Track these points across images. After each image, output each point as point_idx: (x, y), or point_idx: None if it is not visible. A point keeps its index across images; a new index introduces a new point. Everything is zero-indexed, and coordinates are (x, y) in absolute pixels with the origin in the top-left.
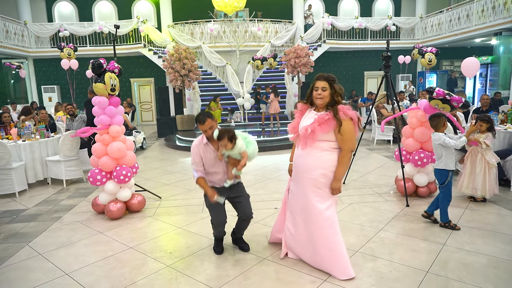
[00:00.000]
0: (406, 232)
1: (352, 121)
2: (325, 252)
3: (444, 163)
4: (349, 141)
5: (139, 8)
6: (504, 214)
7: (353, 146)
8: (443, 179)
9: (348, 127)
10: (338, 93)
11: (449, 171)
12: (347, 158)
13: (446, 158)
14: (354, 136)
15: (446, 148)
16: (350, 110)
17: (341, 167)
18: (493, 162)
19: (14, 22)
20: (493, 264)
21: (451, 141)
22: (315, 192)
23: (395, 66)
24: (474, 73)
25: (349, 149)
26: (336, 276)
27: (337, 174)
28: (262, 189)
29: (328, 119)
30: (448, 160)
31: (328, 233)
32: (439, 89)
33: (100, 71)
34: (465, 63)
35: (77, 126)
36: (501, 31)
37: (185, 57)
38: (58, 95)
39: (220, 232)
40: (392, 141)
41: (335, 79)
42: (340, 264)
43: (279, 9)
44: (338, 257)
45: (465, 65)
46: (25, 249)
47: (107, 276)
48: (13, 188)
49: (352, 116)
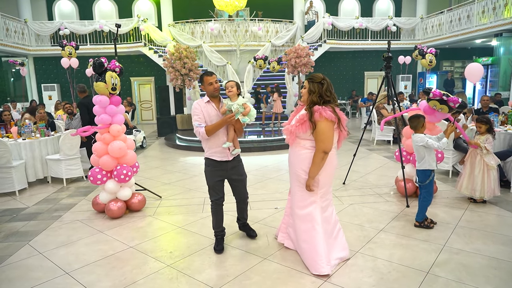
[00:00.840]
0: (406, 233)
1: (331, 122)
2: (303, 245)
3: (428, 163)
4: (321, 142)
5: (140, 6)
6: (504, 215)
7: (326, 147)
8: (425, 179)
9: (322, 128)
10: (317, 92)
11: (431, 170)
12: (318, 158)
13: (429, 158)
14: (328, 137)
15: (427, 149)
16: (327, 111)
17: (313, 166)
18: (492, 164)
19: (14, 20)
20: (493, 265)
21: (435, 143)
22: (298, 187)
23: (395, 66)
24: (478, 78)
25: (321, 149)
26: (309, 269)
27: (310, 172)
28: (263, 189)
29: (306, 120)
30: (431, 160)
31: (306, 227)
32: (435, 89)
33: (101, 70)
34: (468, 69)
35: (76, 125)
36: (501, 32)
37: (186, 56)
38: (58, 93)
39: (219, 227)
40: (392, 142)
41: (313, 78)
42: (313, 259)
43: (279, 9)
44: (312, 252)
45: (469, 70)
46: (25, 248)
47: (108, 275)
48: (13, 186)
49: (328, 117)
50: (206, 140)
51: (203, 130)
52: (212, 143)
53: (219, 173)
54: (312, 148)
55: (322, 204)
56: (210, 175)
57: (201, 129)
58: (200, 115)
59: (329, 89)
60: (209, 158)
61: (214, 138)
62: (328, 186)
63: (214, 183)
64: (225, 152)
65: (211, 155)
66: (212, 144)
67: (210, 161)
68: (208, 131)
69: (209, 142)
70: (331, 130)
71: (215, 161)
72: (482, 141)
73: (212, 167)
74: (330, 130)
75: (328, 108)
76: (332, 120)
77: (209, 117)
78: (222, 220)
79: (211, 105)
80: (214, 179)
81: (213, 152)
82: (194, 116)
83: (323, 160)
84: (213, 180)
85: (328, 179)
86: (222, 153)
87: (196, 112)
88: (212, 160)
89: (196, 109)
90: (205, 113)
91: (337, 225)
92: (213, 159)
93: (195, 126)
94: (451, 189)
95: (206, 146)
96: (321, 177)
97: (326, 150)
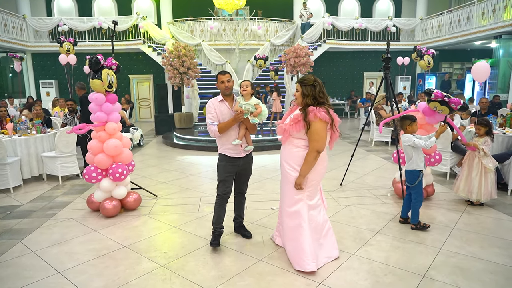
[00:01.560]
0: (403, 235)
1: (325, 123)
2: (289, 242)
3: (416, 163)
4: (315, 141)
5: (139, 4)
6: (502, 218)
7: (319, 147)
8: (414, 180)
9: (316, 128)
10: (310, 95)
11: (419, 171)
12: (311, 157)
13: (417, 158)
14: (321, 138)
15: (415, 149)
16: (321, 112)
17: (305, 165)
18: (490, 167)
19: (13, 15)
20: (490, 269)
21: (421, 142)
22: (287, 185)
23: (394, 67)
24: (485, 78)
25: (314, 148)
26: (293, 266)
27: (301, 171)
28: (260, 189)
29: (300, 120)
30: (418, 161)
31: (294, 224)
32: (437, 91)
33: (98, 67)
34: (475, 68)
35: (77, 122)
36: (501, 34)
37: (185, 55)
38: (56, 90)
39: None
40: (390, 143)
41: (304, 81)
42: (299, 255)
43: (279, 8)
44: (298, 249)
45: (475, 69)
46: (18, 246)
47: (101, 275)
48: (8, 183)
49: (322, 118)
50: (219, 137)
51: (216, 127)
52: (224, 140)
53: (231, 168)
54: (305, 147)
55: (310, 202)
56: (222, 169)
57: (213, 127)
58: (214, 113)
59: (322, 90)
60: (223, 154)
61: (226, 135)
62: (317, 185)
63: (225, 177)
64: (238, 148)
65: (224, 151)
66: (224, 141)
67: (224, 157)
68: (221, 129)
69: (222, 139)
70: (324, 131)
71: (228, 156)
72: (481, 143)
73: (226, 162)
74: (323, 130)
75: (322, 109)
76: (326, 121)
77: (222, 115)
78: (223, 218)
79: (225, 103)
80: (225, 174)
81: (225, 148)
82: (208, 114)
83: (315, 160)
84: (224, 174)
85: (317, 178)
86: (234, 150)
87: (210, 111)
88: (225, 156)
89: (210, 108)
90: (218, 111)
91: (326, 224)
92: (226, 154)
93: (208, 124)
94: (448, 191)
95: (220, 143)
96: (311, 176)
97: (319, 150)
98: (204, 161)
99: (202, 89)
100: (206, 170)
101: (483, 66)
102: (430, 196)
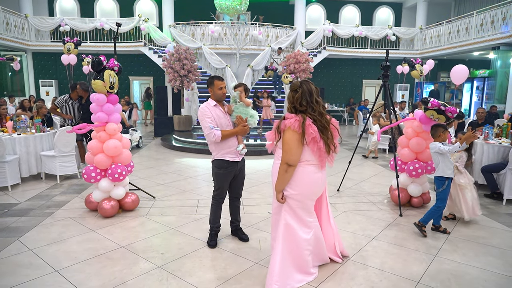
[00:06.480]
0: (398, 242)
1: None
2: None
3: (442, 170)
4: (284, 152)
5: (141, 6)
6: (496, 227)
7: (288, 159)
8: (440, 186)
9: (285, 138)
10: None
11: (446, 178)
12: (281, 170)
13: (443, 165)
14: (290, 149)
15: (442, 155)
16: (289, 120)
17: (277, 179)
18: (461, 183)
19: (15, 14)
20: (484, 277)
21: (445, 147)
22: (274, 196)
23: (393, 75)
24: (462, 80)
25: (283, 160)
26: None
27: (275, 185)
28: (257, 193)
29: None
30: (445, 168)
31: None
32: (433, 99)
33: (100, 68)
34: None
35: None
36: (499, 46)
37: (185, 58)
38: (55, 89)
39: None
40: (388, 150)
41: (291, 86)
42: (269, 271)
43: (280, 14)
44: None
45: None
46: (15, 243)
47: (97, 274)
48: (6, 181)
49: (291, 127)
50: (218, 143)
51: (220, 133)
52: (223, 145)
53: (230, 175)
54: None
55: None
56: (223, 177)
57: (217, 132)
58: (211, 117)
59: (305, 98)
60: (222, 159)
61: (226, 140)
62: (308, 206)
63: (224, 184)
64: (235, 152)
65: (223, 156)
66: (223, 145)
67: (223, 163)
68: (223, 136)
69: (221, 144)
70: (293, 141)
71: (227, 162)
72: (455, 159)
73: (225, 169)
74: (292, 141)
75: (299, 117)
76: (295, 131)
77: (218, 120)
78: (220, 217)
79: (219, 108)
80: (225, 181)
81: (224, 153)
82: (206, 118)
83: (286, 173)
84: (224, 182)
85: (305, 198)
86: (233, 154)
87: (207, 114)
88: (225, 161)
89: (206, 112)
90: (215, 115)
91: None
92: (225, 159)
93: (209, 128)
94: None
95: (218, 148)
96: (296, 195)
97: (288, 162)
98: (202, 164)
99: (202, 92)
100: (204, 173)
101: (461, 68)
102: (426, 203)
